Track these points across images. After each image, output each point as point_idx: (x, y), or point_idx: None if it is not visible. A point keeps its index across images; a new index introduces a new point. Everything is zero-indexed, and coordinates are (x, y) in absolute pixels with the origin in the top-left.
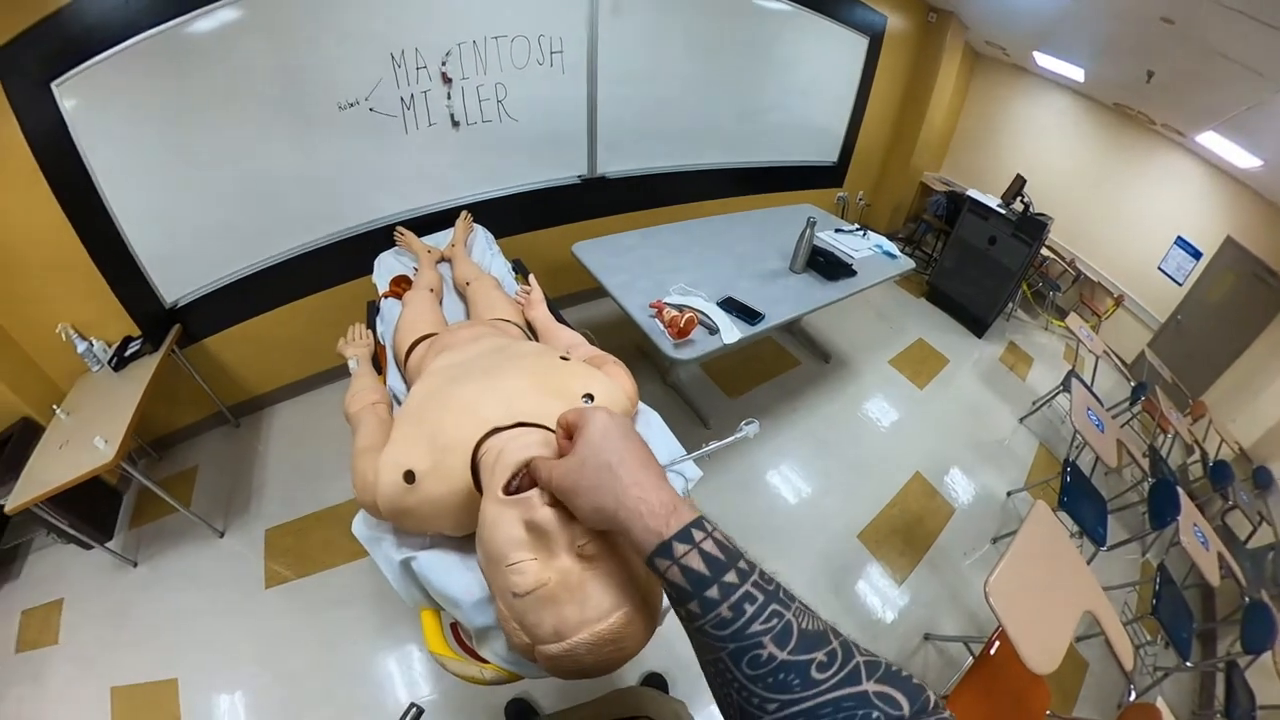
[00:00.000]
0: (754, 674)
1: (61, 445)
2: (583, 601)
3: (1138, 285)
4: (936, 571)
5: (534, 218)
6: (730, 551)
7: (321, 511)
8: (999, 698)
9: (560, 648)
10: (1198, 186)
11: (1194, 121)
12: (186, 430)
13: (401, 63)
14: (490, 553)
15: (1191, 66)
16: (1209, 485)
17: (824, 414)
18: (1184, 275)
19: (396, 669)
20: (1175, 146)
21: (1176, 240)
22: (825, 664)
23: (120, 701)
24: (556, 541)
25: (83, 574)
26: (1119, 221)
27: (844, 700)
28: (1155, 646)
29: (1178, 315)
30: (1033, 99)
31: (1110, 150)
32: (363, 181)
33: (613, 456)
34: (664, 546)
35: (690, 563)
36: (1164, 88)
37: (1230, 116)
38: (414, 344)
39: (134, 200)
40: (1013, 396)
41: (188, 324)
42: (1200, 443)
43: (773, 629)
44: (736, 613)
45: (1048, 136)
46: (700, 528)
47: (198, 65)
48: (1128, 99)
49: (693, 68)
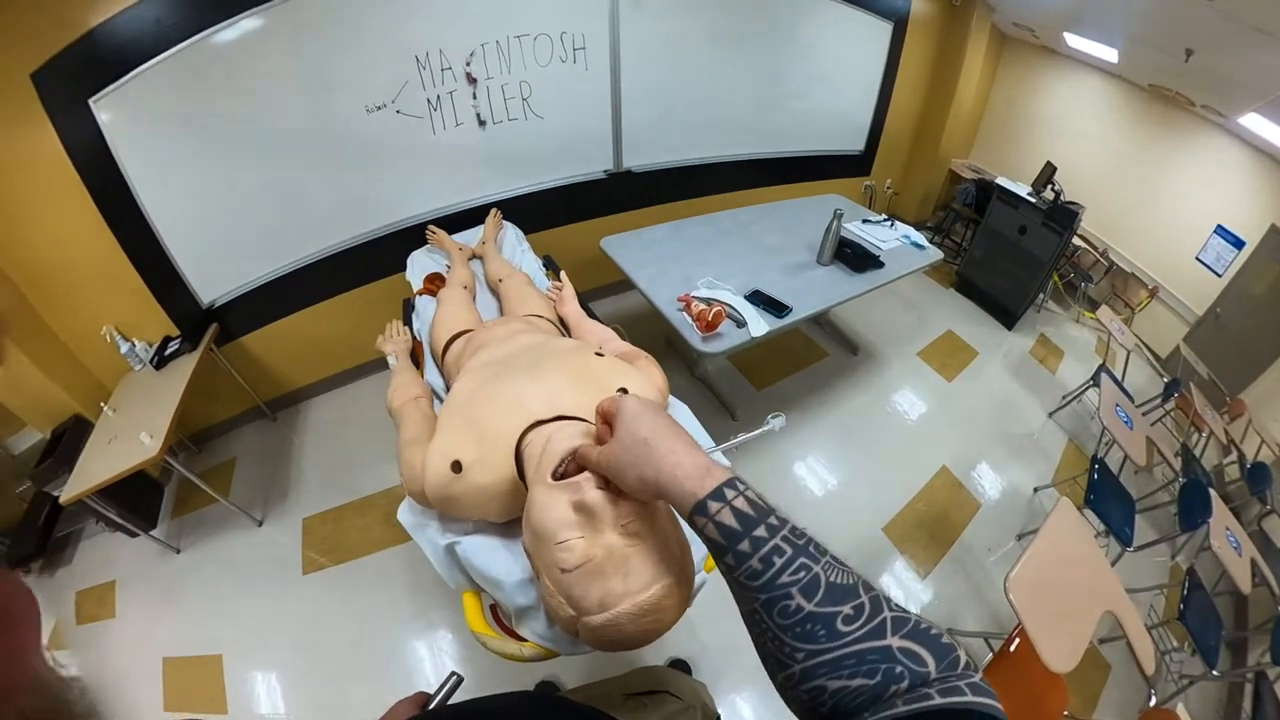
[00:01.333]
0: (784, 623)
1: (110, 440)
2: (626, 574)
3: (1174, 276)
4: (960, 567)
5: (562, 213)
6: (761, 508)
7: (357, 501)
8: (1017, 696)
9: (605, 617)
10: (1240, 172)
11: (1236, 103)
12: (225, 425)
13: (426, 64)
14: (540, 533)
15: (1233, 45)
16: (1246, 488)
17: (851, 406)
18: (1224, 266)
19: (428, 651)
20: (1215, 129)
21: (1216, 229)
22: (851, 617)
23: (171, 671)
24: (603, 520)
25: (130, 560)
26: (1155, 210)
27: (868, 653)
28: (1181, 653)
29: (1216, 308)
30: (1063, 82)
31: (1145, 135)
32: (392, 182)
33: (647, 432)
34: (700, 505)
35: (723, 519)
36: (1204, 68)
37: (1275, 97)
38: (450, 340)
39: (170, 207)
40: (1042, 390)
41: (225, 323)
42: (1238, 443)
43: (800, 580)
44: (766, 565)
45: (1079, 121)
46: (733, 487)
47: (227, 75)
48: (1165, 80)
49: (715, 58)
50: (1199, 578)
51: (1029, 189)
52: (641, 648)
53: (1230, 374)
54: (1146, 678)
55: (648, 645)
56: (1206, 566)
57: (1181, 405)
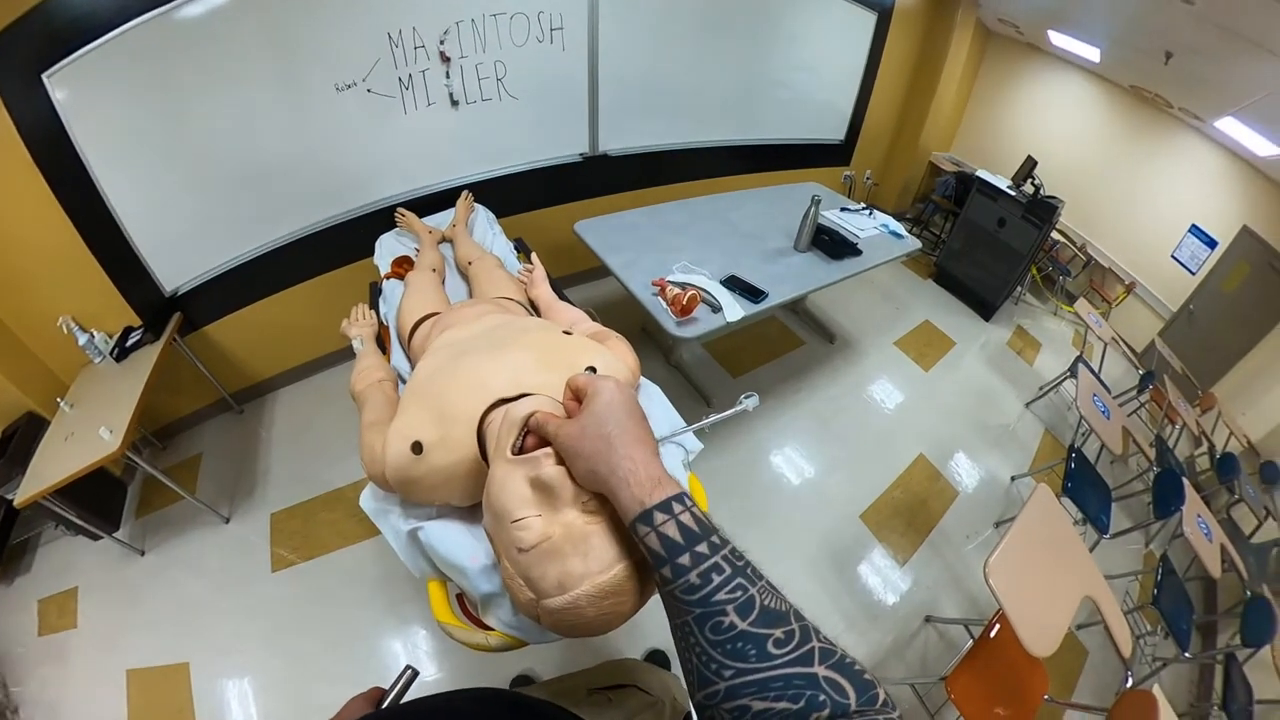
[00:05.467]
0: (715, 639)
1: (67, 437)
2: (586, 554)
3: (1150, 273)
4: (939, 554)
5: (535, 196)
6: (705, 527)
7: (326, 495)
8: (997, 681)
9: (564, 600)
10: (1215, 173)
11: (1213, 106)
12: (189, 418)
13: (399, 42)
14: (497, 511)
15: (1211, 49)
16: (1215, 478)
17: (828, 394)
18: (1198, 264)
19: (403, 649)
20: (1192, 131)
21: (1191, 228)
22: (782, 641)
23: (135, 683)
24: (561, 497)
25: (92, 564)
26: (1133, 207)
27: (795, 678)
28: (1155, 637)
29: (1190, 305)
30: (1046, 79)
31: (1125, 133)
32: (362, 163)
33: (613, 429)
34: (646, 514)
35: (667, 531)
36: (1183, 70)
37: (1251, 102)
38: (417, 323)
39: (131, 190)
40: (1019, 381)
41: (188, 312)
42: (1209, 435)
43: (736, 600)
44: (704, 580)
45: (1061, 118)
46: (680, 502)
47: (191, 51)
48: (1145, 81)
49: (696, 42)
50: (1172, 564)
51: (1009, 182)
52: (605, 633)
53: (1202, 368)
54: (1124, 660)
55: (612, 630)
56: (1178, 553)
57: (1156, 397)
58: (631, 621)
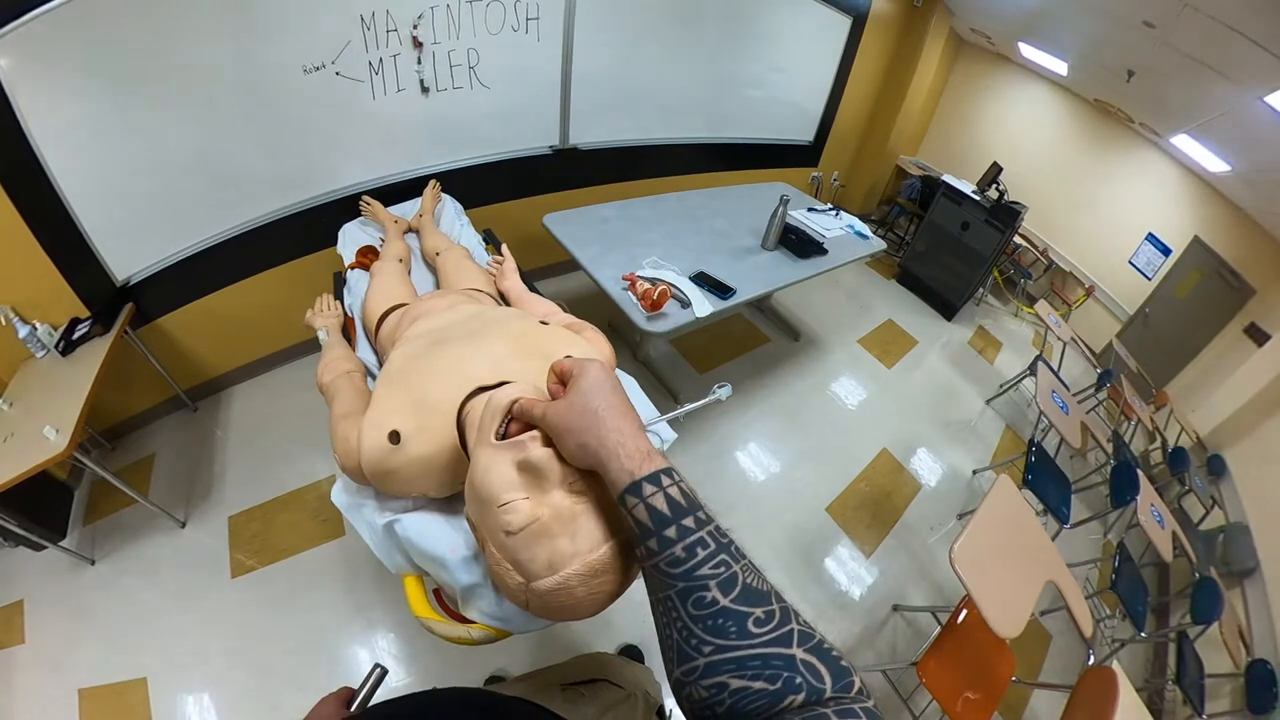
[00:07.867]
0: (697, 614)
1: (6, 438)
2: (575, 533)
3: (1108, 277)
4: (904, 545)
5: (504, 188)
6: (692, 501)
7: (286, 495)
8: (966, 665)
9: (555, 580)
10: (1170, 186)
11: (1169, 123)
12: (141, 416)
13: (371, 25)
14: (483, 497)
15: (1170, 70)
16: (1168, 470)
17: (793, 390)
18: (1153, 270)
19: (370, 652)
20: (1151, 146)
21: (1148, 236)
22: (762, 620)
23: (89, 701)
24: (549, 479)
25: (37, 577)
26: (1093, 214)
27: (772, 658)
28: (1114, 619)
29: (1146, 309)
30: (1014, 89)
31: (1088, 144)
32: (327, 149)
33: (600, 404)
34: (635, 485)
35: (655, 503)
36: (1143, 88)
37: (1203, 121)
38: (385, 314)
39: (81, 170)
40: (980, 379)
41: (141, 303)
42: (1161, 430)
43: (719, 575)
44: (689, 554)
45: (1027, 126)
46: (669, 475)
47: (148, 21)
48: (1108, 95)
49: (671, 39)
50: (1129, 551)
51: (974, 187)
52: (592, 615)
53: (1156, 368)
54: (1085, 640)
55: (600, 612)
56: (1134, 541)
57: (1113, 395)
58: (603, 616)
